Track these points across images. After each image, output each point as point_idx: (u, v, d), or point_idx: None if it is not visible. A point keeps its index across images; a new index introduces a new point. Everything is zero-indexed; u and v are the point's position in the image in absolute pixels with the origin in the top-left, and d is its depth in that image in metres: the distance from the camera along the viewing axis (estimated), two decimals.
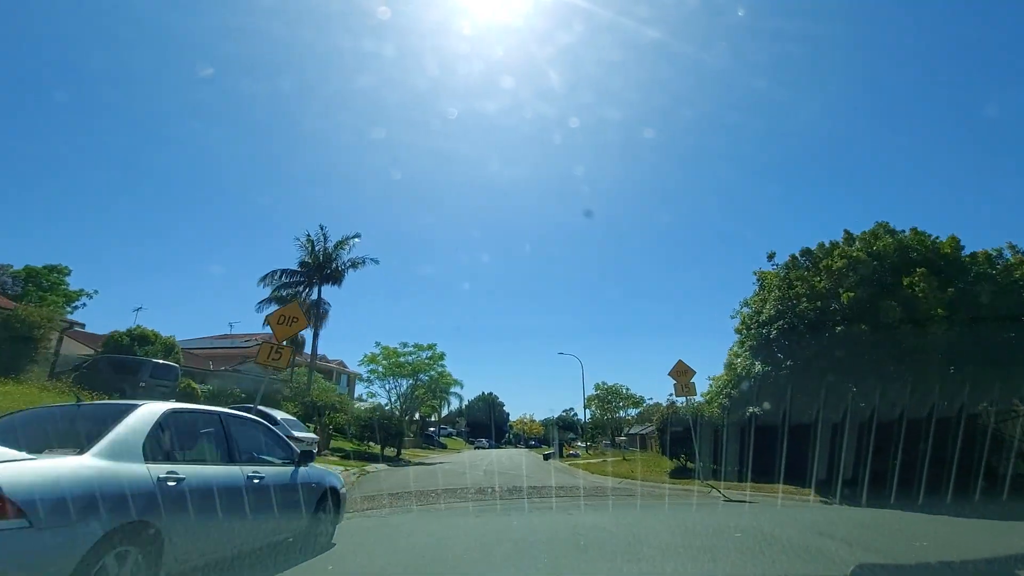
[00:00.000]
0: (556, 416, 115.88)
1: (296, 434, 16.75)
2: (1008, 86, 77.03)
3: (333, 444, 28.03)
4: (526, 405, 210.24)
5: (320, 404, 25.27)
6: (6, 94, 63.29)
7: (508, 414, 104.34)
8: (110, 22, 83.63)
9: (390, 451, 28.91)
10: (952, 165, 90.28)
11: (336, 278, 29.40)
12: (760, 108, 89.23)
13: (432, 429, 76.61)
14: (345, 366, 54.73)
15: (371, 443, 29.58)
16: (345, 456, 24.95)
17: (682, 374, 15.11)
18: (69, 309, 41.10)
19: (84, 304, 47.05)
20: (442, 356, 32.27)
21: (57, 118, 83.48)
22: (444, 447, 64.11)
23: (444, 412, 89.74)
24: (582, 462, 27.02)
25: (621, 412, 38.86)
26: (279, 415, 17.58)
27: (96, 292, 49.76)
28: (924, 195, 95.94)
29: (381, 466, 22.98)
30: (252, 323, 52.55)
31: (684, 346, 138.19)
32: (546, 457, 32.53)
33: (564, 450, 34.23)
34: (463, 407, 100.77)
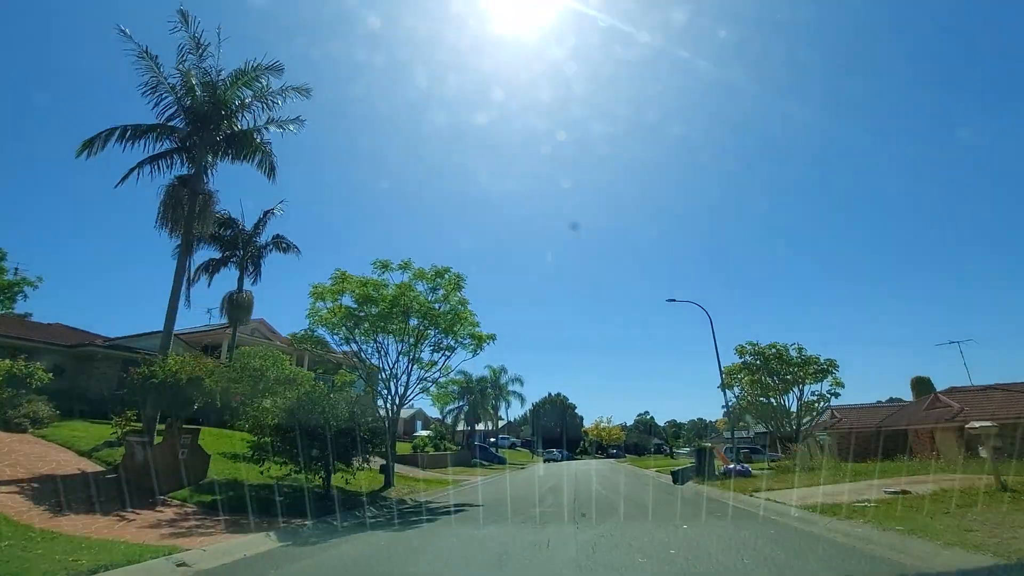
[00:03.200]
0: (634, 420, 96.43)
1: None
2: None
3: (220, 469, 13.05)
4: (599, 408, 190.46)
5: (156, 383, 10.57)
6: None
7: (582, 418, 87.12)
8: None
9: (355, 479, 13.30)
10: None
11: (239, 143, 14.64)
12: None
13: (492, 439, 61.38)
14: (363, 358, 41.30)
15: (342, 464, 13.47)
16: (211, 508, 10.05)
17: None
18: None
19: (25, 296, 35.61)
20: (458, 282, 16.87)
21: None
22: (503, 461, 47.94)
23: (504, 420, 73.94)
24: (858, 503, 10.29)
25: (794, 390, 21.39)
26: None
27: (40, 280, 38.39)
28: None
29: (253, 545, 7.85)
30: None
31: None
32: (676, 478, 16.24)
33: (716, 463, 17.23)
34: (527, 414, 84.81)
